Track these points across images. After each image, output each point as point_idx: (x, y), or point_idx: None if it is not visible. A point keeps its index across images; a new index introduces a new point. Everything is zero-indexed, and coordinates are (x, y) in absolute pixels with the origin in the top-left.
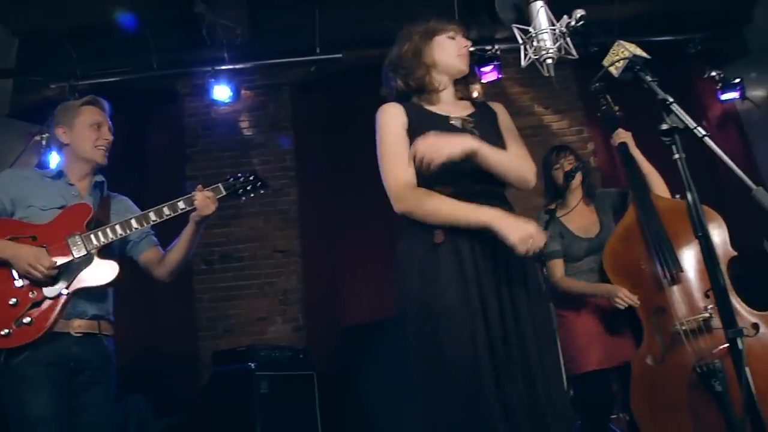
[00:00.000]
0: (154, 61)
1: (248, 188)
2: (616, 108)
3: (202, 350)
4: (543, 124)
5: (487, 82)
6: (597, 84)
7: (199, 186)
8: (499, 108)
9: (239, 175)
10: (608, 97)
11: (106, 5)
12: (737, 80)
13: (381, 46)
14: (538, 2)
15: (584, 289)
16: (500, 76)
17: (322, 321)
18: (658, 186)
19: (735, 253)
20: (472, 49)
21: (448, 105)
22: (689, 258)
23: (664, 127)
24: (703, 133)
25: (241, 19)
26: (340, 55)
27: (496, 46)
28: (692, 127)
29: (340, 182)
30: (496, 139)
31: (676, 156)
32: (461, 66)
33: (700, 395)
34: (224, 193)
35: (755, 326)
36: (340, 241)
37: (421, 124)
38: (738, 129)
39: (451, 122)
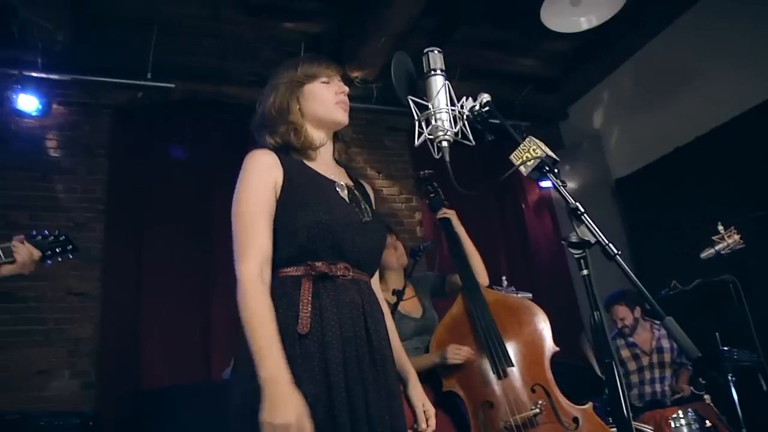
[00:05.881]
0: None
1: (58, 250)
2: (443, 198)
3: None
4: (374, 188)
5: None
6: (425, 171)
7: (21, 237)
8: (372, 192)
9: (46, 233)
10: (435, 184)
11: None
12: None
13: (218, 83)
14: (439, 77)
15: (417, 365)
16: None
17: (119, 379)
18: (478, 267)
19: (557, 349)
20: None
21: (329, 167)
22: (516, 353)
23: (574, 239)
24: (615, 251)
25: (63, 23)
26: (173, 85)
27: None
28: (604, 243)
29: (155, 223)
30: (380, 222)
31: (585, 272)
32: (338, 116)
33: None
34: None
35: (575, 420)
36: (149, 289)
37: (300, 181)
38: (551, 214)
39: (337, 188)
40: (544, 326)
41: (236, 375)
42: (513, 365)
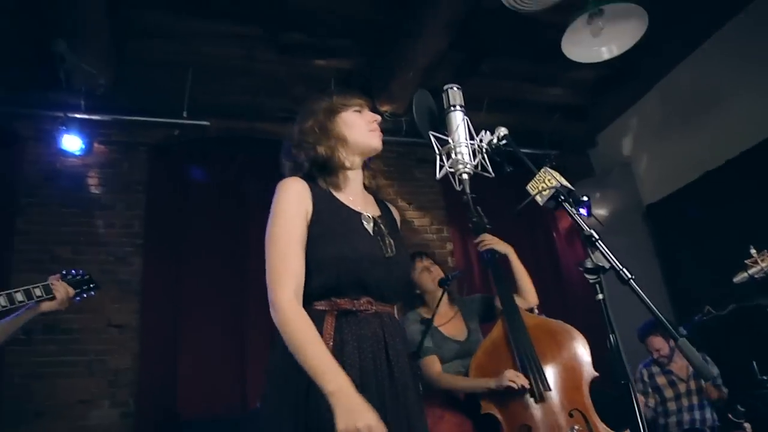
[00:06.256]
0: None
1: (84, 288)
2: (486, 221)
3: None
4: (405, 219)
5: None
6: (467, 195)
7: (57, 276)
8: (398, 215)
9: (73, 272)
10: (479, 209)
11: None
12: (585, 198)
13: (251, 119)
14: (458, 113)
15: (467, 385)
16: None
17: (157, 409)
18: (528, 287)
19: (597, 374)
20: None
21: (357, 197)
22: (554, 377)
23: (589, 265)
24: (629, 276)
25: (105, 69)
26: (207, 123)
27: None
28: (618, 268)
29: (191, 256)
30: (404, 251)
31: (600, 297)
32: (373, 142)
33: None
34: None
35: None
36: (186, 320)
37: (328, 215)
38: (583, 242)
39: (363, 221)
40: (583, 351)
41: (269, 384)
42: (550, 389)
